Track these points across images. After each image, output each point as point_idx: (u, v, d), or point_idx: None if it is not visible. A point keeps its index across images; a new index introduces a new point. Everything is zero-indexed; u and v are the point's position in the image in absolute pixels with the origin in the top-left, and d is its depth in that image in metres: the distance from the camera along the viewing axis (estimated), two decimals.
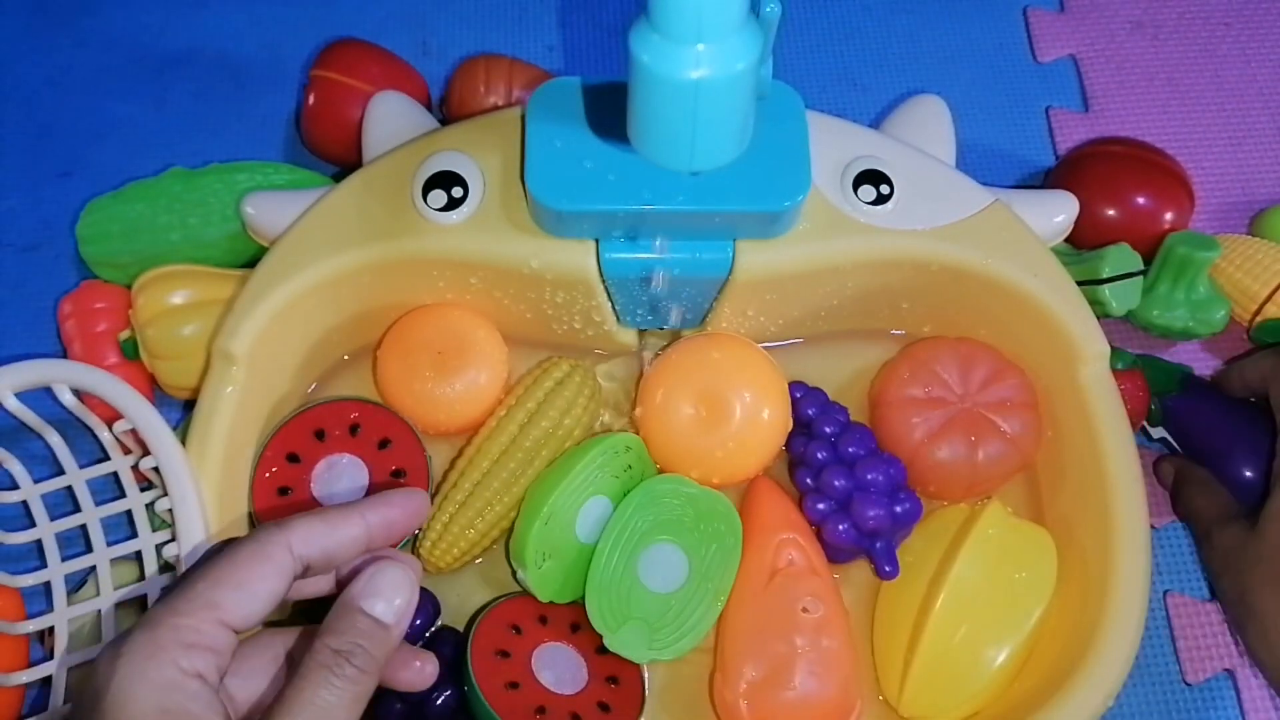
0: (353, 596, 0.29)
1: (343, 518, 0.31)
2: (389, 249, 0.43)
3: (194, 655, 0.27)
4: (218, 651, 0.27)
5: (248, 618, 0.28)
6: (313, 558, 0.30)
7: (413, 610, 0.30)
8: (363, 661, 0.28)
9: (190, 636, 0.27)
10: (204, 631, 0.27)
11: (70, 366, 0.43)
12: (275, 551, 0.29)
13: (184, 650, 0.27)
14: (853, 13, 0.63)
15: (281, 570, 0.29)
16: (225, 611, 0.28)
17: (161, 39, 0.61)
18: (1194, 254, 0.50)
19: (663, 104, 0.31)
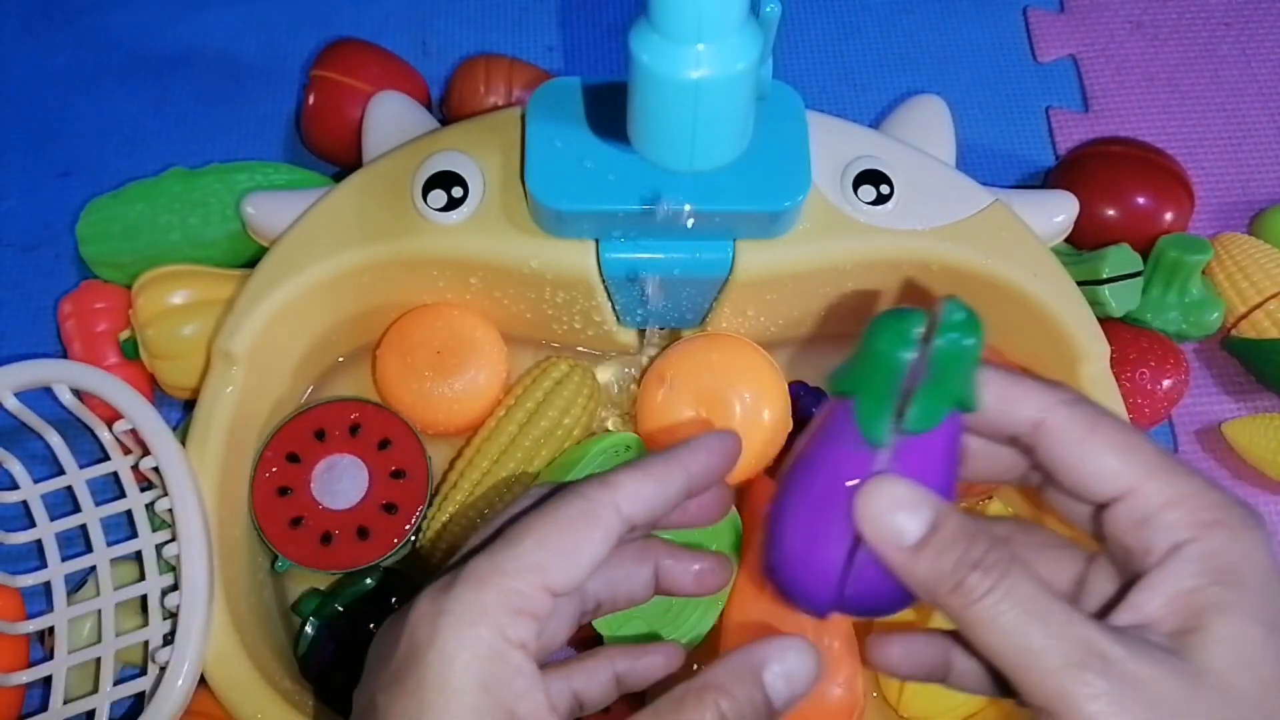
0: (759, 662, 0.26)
1: (666, 471, 0.28)
2: (389, 249, 0.43)
3: (520, 622, 0.25)
4: (540, 619, 0.25)
5: (569, 584, 0.26)
6: (639, 517, 0.27)
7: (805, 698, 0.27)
8: None
9: (517, 601, 0.25)
10: (531, 596, 0.25)
11: (70, 366, 0.43)
12: (604, 513, 0.26)
13: (511, 616, 0.24)
14: (853, 13, 0.63)
15: (609, 534, 0.26)
16: (551, 577, 0.25)
17: (161, 39, 0.61)
18: (1185, 257, 0.50)
19: (663, 104, 0.31)
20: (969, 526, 0.24)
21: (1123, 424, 0.25)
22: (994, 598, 0.23)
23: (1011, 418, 0.26)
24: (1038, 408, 0.26)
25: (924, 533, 0.24)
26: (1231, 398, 0.53)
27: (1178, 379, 0.49)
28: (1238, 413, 0.52)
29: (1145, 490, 0.24)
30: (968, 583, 0.24)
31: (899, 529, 0.24)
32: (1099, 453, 0.25)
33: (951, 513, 0.25)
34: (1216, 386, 0.53)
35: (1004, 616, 0.23)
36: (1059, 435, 0.25)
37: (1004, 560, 0.24)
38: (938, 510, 0.25)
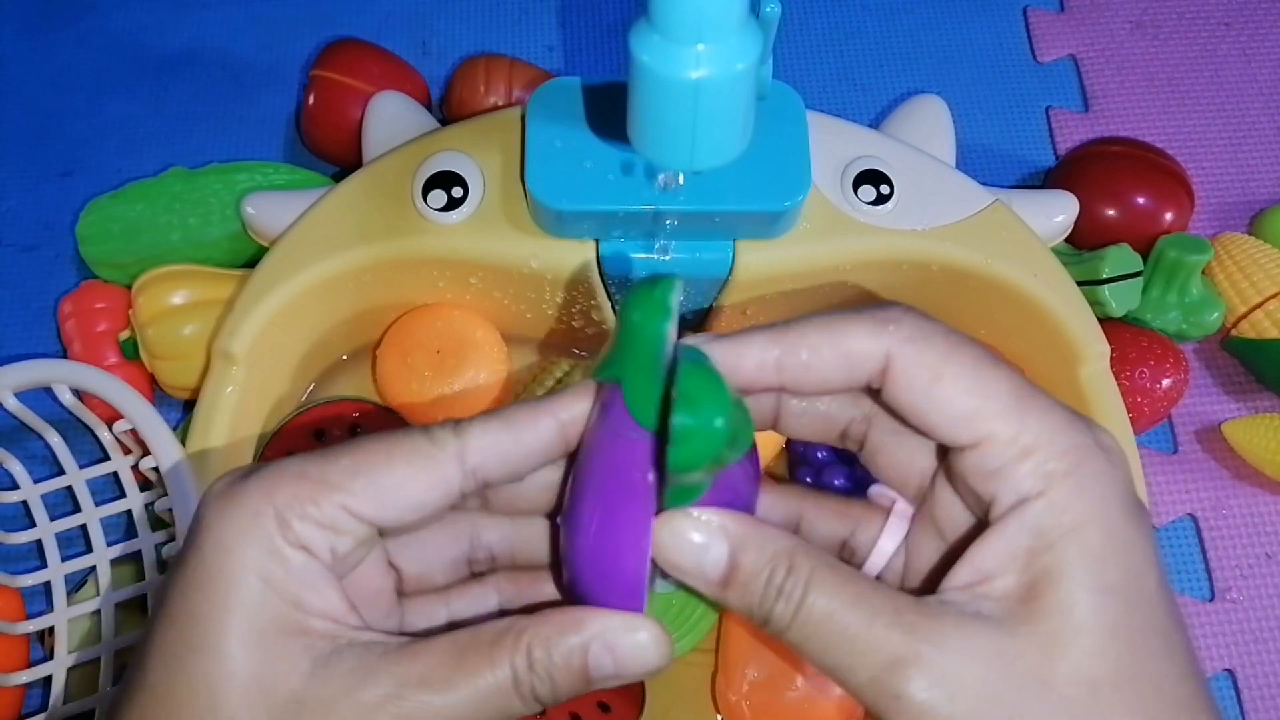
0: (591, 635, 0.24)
1: (531, 420, 0.25)
2: (389, 249, 0.43)
3: (302, 526, 0.23)
4: (334, 531, 0.24)
5: (382, 519, 0.24)
6: (492, 472, 0.25)
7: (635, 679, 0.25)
8: (547, 695, 0.24)
9: (310, 509, 0.23)
10: (321, 507, 0.24)
11: (70, 366, 0.43)
12: (442, 459, 0.24)
13: (299, 519, 0.23)
14: (853, 13, 0.63)
15: (443, 484, 0.24)
16: (352, 498, 0.24)
17: (161, 39, 0.61)
18: (1184, 257, 0.50)
19: (663, 104, 0.31)
20: (766, 549, 0.23)
21: (976, 356, 0.23)
22: (799, 622, 0.23)
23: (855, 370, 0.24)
24: (880, 350, 0.23)
25: (723, 571, 0.24)
26: (1231, 398, 0.53)
27: (1178, 379, 0.49)
28: (1238, 413, 0.52)
29: (997, 439, 0.23)
30: (774, 613, 0.23)
31: (698, 569, 0.24)
32: (949, 398, 0.23)
33: (747, 540, 0.24)
34: (1216, 386, 0.53)
35: (812, 639, 0.23)
36: (904, 379, 0.23)
37: (803, 579, 0.23)
38: (732, 541, 0.24)
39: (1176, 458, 0.52)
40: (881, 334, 0.23)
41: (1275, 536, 0.50)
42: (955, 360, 0.23)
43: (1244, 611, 0.48)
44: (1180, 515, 0.50)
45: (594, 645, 0.24)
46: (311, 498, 0.24)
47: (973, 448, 0.23)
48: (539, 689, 0.24)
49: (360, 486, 0.24)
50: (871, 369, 0.24)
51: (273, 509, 0.23)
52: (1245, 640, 0.48)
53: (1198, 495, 0.51)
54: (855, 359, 0.24)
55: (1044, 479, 0.22)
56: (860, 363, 0.24)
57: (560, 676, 0.24)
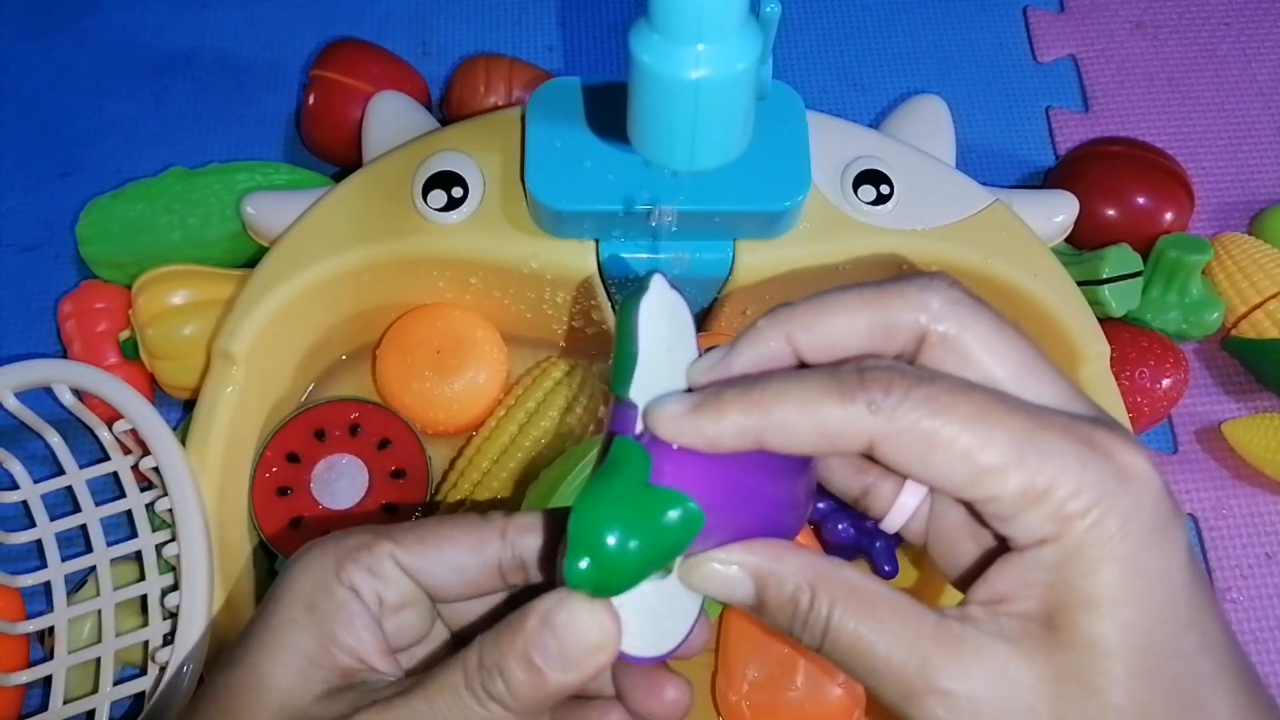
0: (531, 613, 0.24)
1: None
2: (389, 249, 0.43)
3: (353, 571, 0.27)
4: (382, 578, 0.27)
5: (425, 572, 0.27)
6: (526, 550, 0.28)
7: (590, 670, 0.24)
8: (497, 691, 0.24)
9: (362, 555, 0.27)
10: (373, 553, 0.27)
11: (70, 366, 0.43)
12: (486, 529, 0.28)
13: (351, 563, 0.27)
14: (853, 13, 0.63)
15: (481, 546, 0.27)
16: (401, 549, 0.27)
17: (161, 39, 0.61)
18: (1185, 257, 0.50)
19: (663, 104, 0.31)
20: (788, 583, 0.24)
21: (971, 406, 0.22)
22: (827, 648, 0.24)
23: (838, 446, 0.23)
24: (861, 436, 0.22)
25: (753, 600, 0.25)
26: (1231, 398, 0.53)
27: (1177, 379, 0.49)
28: (1238, 413, 0.52)
29: (1005, 495, 0.22)
30: (804, 639, 0.24)
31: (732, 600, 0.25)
32: (946, 468, 0.22)
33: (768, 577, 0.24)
34: (1216, 386, 0.53)
35: (841, 662, 0.24)
36: (896, 460, 0.22)
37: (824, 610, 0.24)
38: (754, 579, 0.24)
39: (1176, 458, 0.52)
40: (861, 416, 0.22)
41: (1275, 536, 0.50)
42: (948, 426, 0.22)
43: (1244, 611, 0.48)
44: None
45: (531, 622, 0.24)
46: (368, 546, 0.27)
47: (982, 503, 0.23)
48: (490, 686, 0.24)
49: (411, 541, 0.27)
50: (855, 447, 0.23)
51: (335, 554, 0.27)
52: (1245, 640, 0.48)
53: (1198, 495, 0.51)
54: (837, 440, 0.23)
55: (1058, 523, 0.22)
56: (844, 442, 0.23)
57: (507, 667, 0.24)
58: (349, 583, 0.27)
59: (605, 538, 0.22)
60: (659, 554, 0.23)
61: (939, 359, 0.24)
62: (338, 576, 0.27)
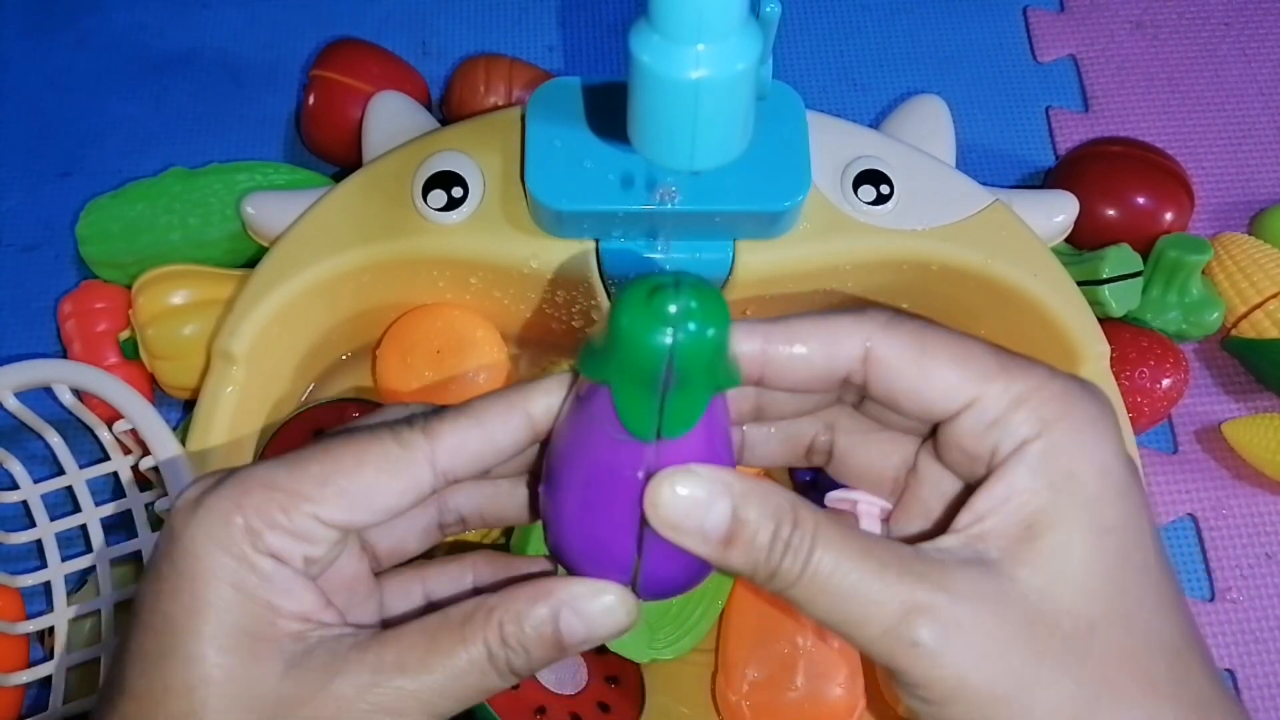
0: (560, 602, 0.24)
1: (503, 415, 0.25)
2: (389, 249, 0.43)
3: (272, 536, 0.24)
4: (305, 540, 0.24)
5: (353, 523, 0.24)
6: (460, 471, 0.25)
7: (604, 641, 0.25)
8: (522, 667, 0.24)
9: (280, 519, 0.24)
10: (291, 517, 0.24)
11: (70, 366, 0.43)
12: (414, 467, 0.25)
13: (268, 527, 0.24)
14: (853, 13, 0.63)
15: (414, 487, 0.25)
16: (322, 508, 0.24)
17: (161, 39, 0.61)
18: (1185, 257, 0.50)
19: (663, 104, 0.31)
20: (768, 505, 0.23)
21: (950, 332, 0.24)
22: (807, 577, 0.23)
23: (837, 359, 0.25)
24: (860, 339, 0.24)
25: (726, 525, 0.23)
26: (1231, 398, 0.53)
27: (1177, 379, 0.49)
28: (1238, 413, 0.52)
29: (989, 395, 0.23)
30: (781, 569, 0.23)
31: (700, 529, 0.23)
32: (936, 369, 0.24)
33: (749, 495, 0.23)
34: (1216, 386, 0.53)
35: (820, 596, 0.23)
36: (889, 362, 0.24)
37: (809, 534, 0.23)
38: (735, 497, 0.23)
39: (1176, 458, 0.52)
40: (860, 323, 0.24)
41: (1275, 536, 0.50)
42: (932, 338, 0.24)
43: (1244, 611, 0.48)
44: (1180, 515, 0.50)
45: (564, 613, 0.24)
46: (281, 507, 0.24)
47: (967, 409, 0.24)
48: (515, 661, 0.24)
49: (331, 496, 0.24)
50: (852, 357, 0.24)
51: (242, 519, 0.24)
52: (1245, 640, 0.48)
53: (1198, 495, 0.51)
54: (837, 347, 0.24)
55: (1040, 423, 0.23)
56: (842, 351, 0.24)
57: (534, 647, 0.24)
58: (270, 550, 0.24)
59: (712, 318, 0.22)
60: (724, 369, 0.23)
61: None
62: (254, 546, 0.23)
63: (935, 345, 0.24)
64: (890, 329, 0.24)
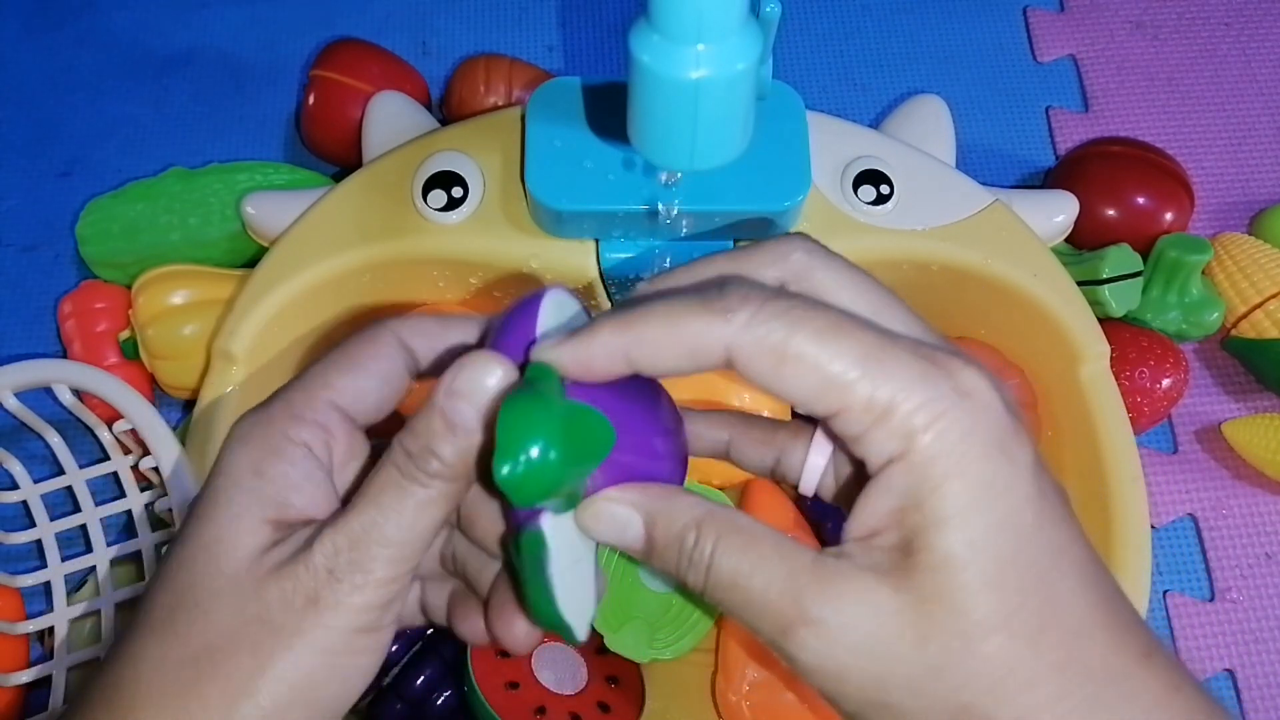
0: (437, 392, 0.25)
1: (459, 319, 0.29)
2: (389, 249, 0.43)
3: (301, 427, 0.26)
4: (326, 428, 0.27)
5: (359, 399, 0.27)
6: (423, 352, 0.29)
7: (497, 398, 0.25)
8: (433, 467, 0.25)
9: (299, 409, 0.27)
10: (314, 406, 0.27)
11: (70, 366, 0.43)
12: (384, 336, 0.28)
13: (291, 420, 0.26)
14: (853, 13, 0.63)
15: (391, 355, 0.28)
16: (336, 391, 0.27)
17: (161, 39, 0.61)
18: (1185, 257, 0.50)
19: (663, 104, 0.31)
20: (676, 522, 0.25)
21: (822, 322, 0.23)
22: (710, 586, 0.24)
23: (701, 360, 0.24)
24: (720, 345, 0.23)
25: (643, 541, 0.25)
26: (1231, 398, 0.53)
27: (1177, 379, 0.49)
28: (1238, 413, 0.52)
29: (851, 409, 0.23)
30: (689, 579, 0.25)
31: (623, 542, 0.26)
32: (795, 380, 0.23)
33: (657, 514, 0.25)
34: (1216, 386, 0.53)
35: (724, 602, 0.24)
36: (749, 370, 0.23)
37: (708, 548, 0.24)
38: (644, 516, 0.25)
39: (1176, 458, 0.52)
40: (718, 325, 0.23)
41: (1275, 536, 0.50)
42: (798, 336, 0.23)
43: (1244, 611, 0.48)
44: (1180, 515, 0.50)
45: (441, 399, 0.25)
46: (300, 400, 0.27)
47: (833, 419, 0.23)
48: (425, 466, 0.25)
49: (334, 378, 0.27)
50: (715, 359, 0.24)
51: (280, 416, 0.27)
52: (1245, 640, 0.48)
53: (1198, 495, 0.51)
54: (697, 352, 0.24)
55: (903, 438, 0.22)
56: (703, 354, 0.24)
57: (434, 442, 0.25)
58: (302, 441, 0.26)
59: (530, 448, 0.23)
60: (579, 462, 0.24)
61: None
62: (285, 435, 0.26)
63: (798, 348, 0.23)
64: (752, 327, 0.23)
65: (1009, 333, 0.47)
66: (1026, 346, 0.47)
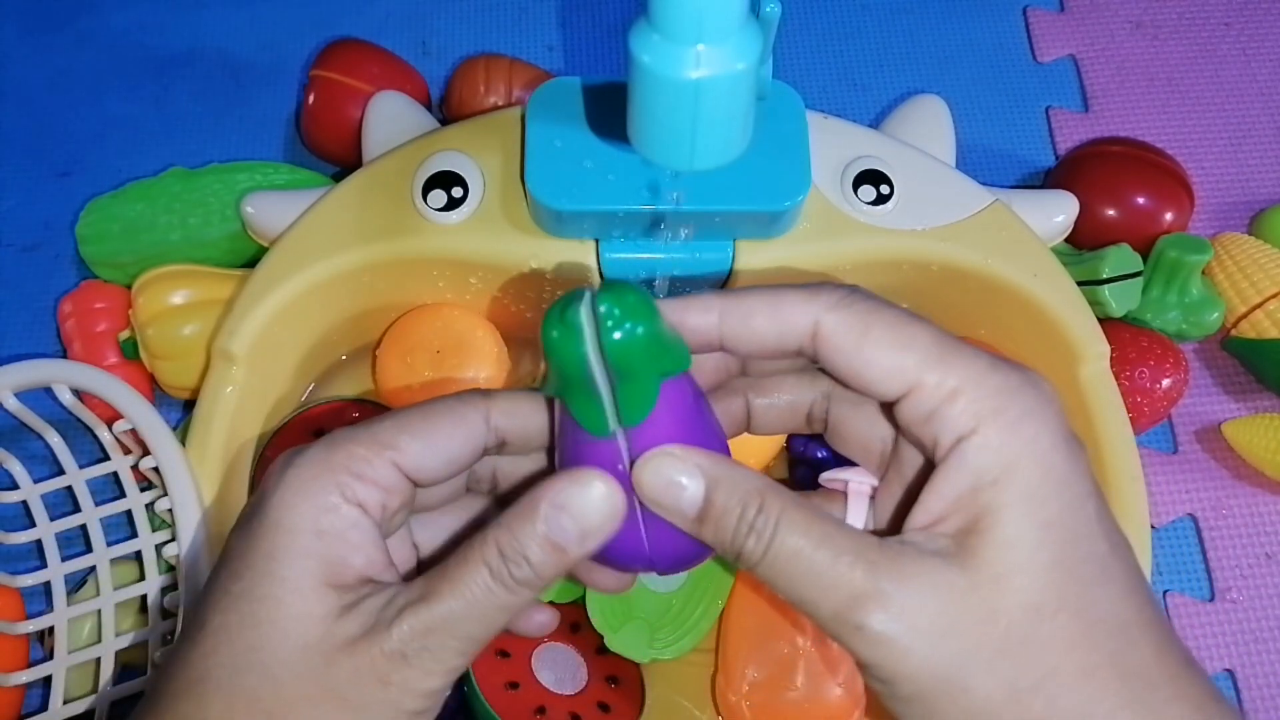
0: (541, 501, 0.25)
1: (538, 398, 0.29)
2: (389, 249, 0.43)
3: (359, 485, 0.26)
4: (385, 489, 0.26)
5: (423, 469, 0.27)
6: (510, 432, 0.28)
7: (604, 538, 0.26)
8: (524, 576, 0.25)
9: (360, 466, 0.26)
10: (375, 465, 0.26)
11: (70, 366, 0.43)
12: (470, 414, 0.27)
13: (351, 477, 0.26)
14: (853, 13, 0.63)
15: (471, 434, 0.27)
16: (402, 455, 0.26)
17: (161, 39, 0.61)
18: (1185, 257, 0.50)
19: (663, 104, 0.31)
20: (739, 488, 0.25)
21: (897, 315, 0.25)
22: (770, 558, 0.24)
23: (786, 334, 0.26)
24: (809, 317, 0.25)
25: (700, 505, 0.25)
26: (1231, 398, 0.53)
27: (1177, 379, 0.49)
28: (1238, 413, 0.52)
29: (926, 384, 0.24)
30: (746, 549, 0.24)
31: (676, 506, 0.25)
32: (875, 354, 0.25)
33: (721, 478, 0.25)
34: (1216, 386, 0.53)
35: (781, 575, 0.24)
36: (833, 342, 0.25)
37: (774, 518, 0.24)
38: (707, 479, 0.25)
39: (1176, 458, 0.52)
40: (811, 301, 0.25)
41: (1275, 536, 0.50)
42: (877, 320, 0.25)
43: (1244, 611, 0.48)
44: (1180, 515, 0.50)
45: (546, 510, 0.25)
46: (365, 459, 0.26)
47: (905, 397, 0.25)
48: (517, 573, 0.25)
49: (406, 444, 0.26)
50: (802, 333, 0.25)
51: (333, 469, 0.26)
52: (1245, 640, 0.48)
53: (1198, 495, 0.51)
54: (787, 323, 0.25)
55: (974, 418, 0.24)
56: (792, 327, 0.25)
57: (530, 552, 0.25)
58: (356, 500, 0.26)
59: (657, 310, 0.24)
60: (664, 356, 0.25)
61: None
62: (343, 494, 0.26)
63: (879, 329, 0.25)
64: (838, 309, 0.25)
65: (1009, 333, 0.47)
66: (1026, 346, 0.47)
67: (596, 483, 0.25)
